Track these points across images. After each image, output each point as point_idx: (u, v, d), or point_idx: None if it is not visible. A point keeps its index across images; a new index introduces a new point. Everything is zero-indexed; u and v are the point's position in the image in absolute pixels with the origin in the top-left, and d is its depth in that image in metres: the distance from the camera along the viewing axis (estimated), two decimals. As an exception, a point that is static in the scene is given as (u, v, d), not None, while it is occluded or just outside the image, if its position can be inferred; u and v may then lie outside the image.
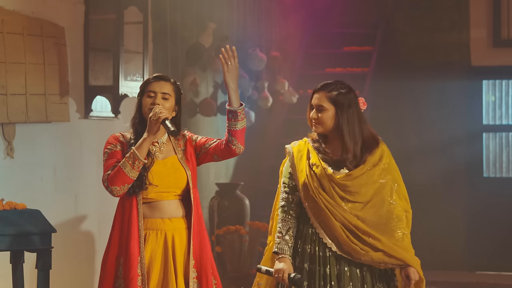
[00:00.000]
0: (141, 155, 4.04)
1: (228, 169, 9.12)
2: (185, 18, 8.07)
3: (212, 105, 8.35)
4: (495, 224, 10.06)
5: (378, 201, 4.18)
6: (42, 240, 5.05)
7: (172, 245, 4.12)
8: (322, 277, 4.14)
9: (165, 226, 4.13)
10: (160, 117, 4.05)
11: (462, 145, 10.22)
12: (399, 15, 10.51)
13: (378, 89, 10.30)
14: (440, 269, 10.00)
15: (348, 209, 4.15)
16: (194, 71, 8.13)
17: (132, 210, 4.09)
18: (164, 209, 4.14)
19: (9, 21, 5.86)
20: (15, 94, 5.89)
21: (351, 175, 4.18)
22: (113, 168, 4.07)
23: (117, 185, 4.04)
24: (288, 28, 10.25)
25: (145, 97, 4.20)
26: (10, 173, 5.96)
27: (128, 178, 4.02)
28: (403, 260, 4.14)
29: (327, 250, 4.16)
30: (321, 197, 4.14)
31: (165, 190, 4.14)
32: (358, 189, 4.17)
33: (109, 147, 4.16)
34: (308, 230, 4.20)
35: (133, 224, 4.07)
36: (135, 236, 4.06)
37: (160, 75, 4.25)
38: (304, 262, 4.19)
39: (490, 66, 10.17)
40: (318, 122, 4.25)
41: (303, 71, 10.41)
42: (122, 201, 4.16)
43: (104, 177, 4.08)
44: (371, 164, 4.22)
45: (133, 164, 4.03)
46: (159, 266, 4.09)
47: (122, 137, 4.21)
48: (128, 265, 4.03)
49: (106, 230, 6.70)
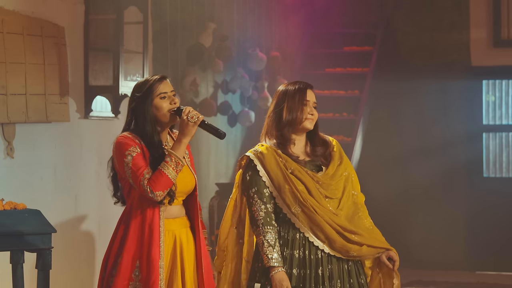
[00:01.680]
0: (182, 156, 3.98)
1: (228, 169, 9.12)
2: (185, 18, 8.07)
3: (212, 105, 8.36)
4: (495, 224, 10.06)
5: (346, 194, 4.24)
6: (42, 240, 5.05)
7: (180, 244, 4.11)
8: (314, 280, 4.13)
9: (172, 226, 4.11)
10: (199, 118, 4.00)
11: (462, 145, 10.22)
12: (399, 15, 10.51)
13: (378, 89, 10.30)
14: (440, 269, 10.01)
15: (332, 208, 4.17)
16: (194, 71, 8.13)
17: (154, 214, 4.02)
18: (171, 210, 4.12)
19: (9, 21, 5.86)
20: (15, 94, 5.89)
21: (329, 173, 4.22)
22: (148, 172, 3.95)
23: (161, 190, 3.93)
24: (288, 28, 10.25)
25: (158, 100, 4.06)
26: (10, 173, 5.96)
27: (170, 181, 3.93)
28: (384, 247, 4.19)
29: (318, 252, 4.15)
30: (309, 201, 4.13)
31: (180, 196, 4.11)
32: (336, 186, 4.22)
33: (129, 149, 3.98)
34: (295, 235, 4.16)
35: (155, 228, 4.00)
36: (157, 240, 4.01)
37: (162, 76, 4.16)
38: (292, 268, 4.14)
39: (490, 66, 10.17)
40: (315, 119, 4.26)
41: (303, 71, 10.41)
42: (140, 204, 4.04)
43: (143, 183, 3.92)
44: (338, 160, 4.27)
45: (176, 167, 3.94)
46: (168, 266, 4.09)
47: (134, 137, 4.04)
48: (150, 269, 3.98)
49: (106, 230, 6.71)
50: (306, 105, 4.23)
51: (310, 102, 4.24)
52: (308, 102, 4.24)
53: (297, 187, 4.14)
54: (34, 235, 5.04)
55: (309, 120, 4.23)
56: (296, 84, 4.29)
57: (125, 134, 4.04)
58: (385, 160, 10.14)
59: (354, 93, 10.13)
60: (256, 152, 4.22)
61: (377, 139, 10.26)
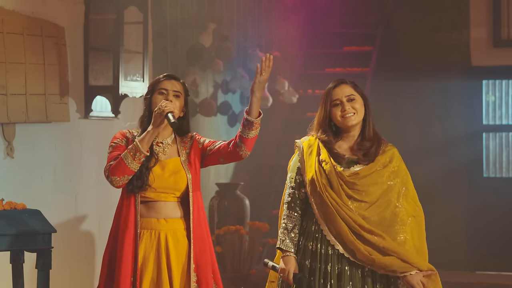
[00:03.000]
0: (143, 147, 4.04)
1: (228, 169, 9.12)
2: (185, 18, 8.07)
3: (212, 105, 8.35)
4: (495, 224, 10.06)
5: (384, 202, 4.15)
6: (42, 240, 5.05)
7: (166, 245, 4.12)
8: (323, 275, 4.12)
9: (160, 226, 4.13)
10: (165, 110, 4.05)
11: (462, 145, 10.22)
12: (399, 15, 10.51)
13: (378, 89, 10.30)
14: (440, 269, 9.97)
15: (354, 208, 4.12)
16: (194, 71, 8.13)
17: (130, 208, 4.10)
18: (160, 209, 4.15)
19: (9, 21, 5.86)
20: (15, 94, 5.90)
21: (359, 173, 4.16)
22: (115, 159, 4.08)
23: (117, 175, 4.05)
24: (288, 28, 10.25)
25: (156, 95, 4.19)
26: (10, 173, 5.96)
27: (128, 169, 4.03)
28: (411, 262, 4.09)
29: (329, 248, 4.14)
30: (327, 195, 4.12)
31: (164, 191, 4.14)
32: (366, 188, 4.14)
33: (114, 141, 4.17)
34: (311, 227, 4.18)
35: (130, 222, 4.08)
36: (131, 234, 4.07)
37: (171, 74, 4.28)
38: (305, 259, 4.16)
39: (490, 66, 10.17)
40: (355, 112, 4.21)
41: (303, 71, 10.41)
42: (122, 200, 4.17)
43: (105, 167, 4.10)
44: (381, 165, 4.20)
45: (134, 155, 4.03)
46: (152, 266, 4.10)
47: (129, 133, 4.22)
48: (121, 263, 4.03)
49: (106, 230, 6.70)
50: (337, 105, 4.21)
51: (342, 98, 4.22)
52: (337, 101, 4.22)
53: (320, 179, 4.14)
54: (34, 235, 5.04)
55: (345, 119, 4.20)
56: (330, 84, 4.30)
57: (122, 130, 4.23)
58: (385, 160, 10.12)
59: (354, 93, 10.11)
60: (302, 140, 4.30)
61: (377, 139, 10.24)
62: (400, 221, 4.16)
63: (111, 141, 4.19)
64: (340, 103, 4.22)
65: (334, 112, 4.22)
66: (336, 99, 4.23)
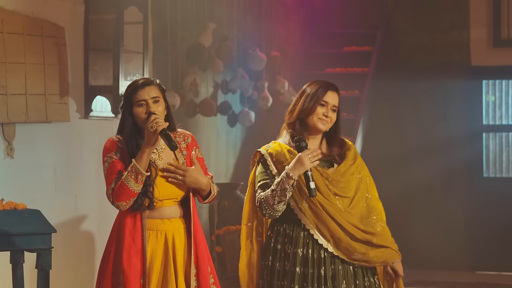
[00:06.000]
0: (143, 168, 3.97)
1: (228, 169, 9.12)
2: (185, 18, 8.07)
3: (212, 105, 8.35)
4: (495, 224, 10.07)
5: (360, 195, 4.24)
6: (42, 240, 5.05)
7: (173, 245, 4.11)
8: (316, 280, 4.13)
9: (165, 226, 4.12)
10: (157, 129, 3.98)
11: (462, 145, 10.22)
12: (399, 15, 10.51)
13: (378, 89, 10.30)
14: (440, 269, 10.01)
15: (341, 206, 4.16)
16: (194, 71, 8.13)
17: (136, 223, 4.06)
18: (164, 211, 4.13)
19: (9, 21, 5.87)
20: (15, 94, 5.90)
21: (340, 170, 4.22)
22: (116, 181, 4.00)
23: (123, 200, 3.98)
24: (288, 28, 10.25)
25: (136, 108, 4.07)
26: (10, 173, 5.96)
27: (132, 192, 3.97)
28: (392, 248, 4.18)
29: (322, 251, 4.15)
30: (317, 198, 4.13)
31: (166, 198, 4.12)
32: (348, 184, 4.22)
33: (108, 156, 4.06)
34: (299, 233, 4.17)
35: (137, 238, 4.04)
36: (139, 247, 4.04)
37: (144, 81, 4.12)
38: (295, 266, 4.15)
39: (490, 66, 10.18)
40: (330, 121, 4.24)
41: (303, 71, 10.41)
42: (125, 212, 4.10)
43: (108, 192, 4.01)
44: (351, 160, 4.28)
45: (136, 178, 3.97)
46: (160, 266, 4.09)
47: (120, 142, 4.10)
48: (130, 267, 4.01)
49: (106, 230, 6.71)
50: (323, 106, 4.22)
51: (329, 104, 4.23)
52: (327, 104, 4.23)
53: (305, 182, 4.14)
54: (34, 235, 5.04)
55: (322, 121, 4.22)
56: (319, 83, 4.30)
57: (112, 138, 4.11)
58: (385, 160, 10.13)
59: (354, 93, 10.13)
60: (268, 148, 4.29)
61: (377, 139, 10.26)
62: (374, 211, 4.25)
63: (104, 154, 4.07)
64: (326, 106, 4.23)
65: (318, 110, 4.22)
66: (326, 102, 4.23)
